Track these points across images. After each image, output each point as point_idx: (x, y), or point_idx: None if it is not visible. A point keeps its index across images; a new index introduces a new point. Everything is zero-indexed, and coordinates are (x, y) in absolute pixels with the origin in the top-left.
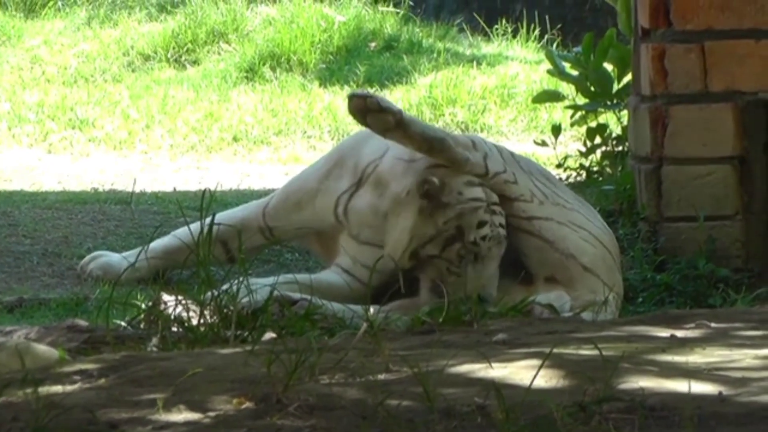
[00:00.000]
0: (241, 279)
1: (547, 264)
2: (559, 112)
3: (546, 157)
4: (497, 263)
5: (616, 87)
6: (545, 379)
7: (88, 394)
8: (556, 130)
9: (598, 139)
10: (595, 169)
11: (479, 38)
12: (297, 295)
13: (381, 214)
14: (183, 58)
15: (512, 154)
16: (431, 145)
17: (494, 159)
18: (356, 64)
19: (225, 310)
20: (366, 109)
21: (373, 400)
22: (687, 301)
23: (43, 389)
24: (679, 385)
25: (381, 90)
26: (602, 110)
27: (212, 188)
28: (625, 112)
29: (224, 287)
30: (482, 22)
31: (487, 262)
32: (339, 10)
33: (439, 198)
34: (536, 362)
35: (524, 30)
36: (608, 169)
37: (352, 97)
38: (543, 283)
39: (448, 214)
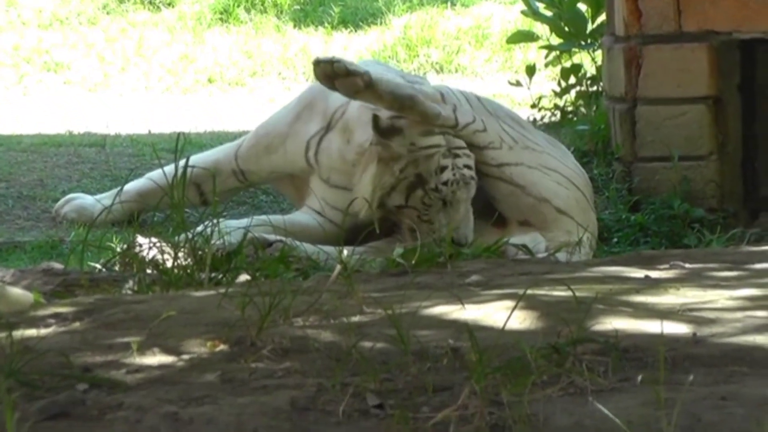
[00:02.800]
0: (215, 221)
1: (520, 208)
2: (533, 53)
3: (521, 98)
4: (467, 205)
5: (590, 27)
6: (519, 320)
7: (63, 338)
8: (531, 70)
9: (572, 79)
10: (570, 109)
11: None
12: (272, 237)
13: (349, 161)
14: (158, 0)
15: (479, 98)
16: (402, 103)
17: (463, 109)
18: (330, 5)
19: (199, 253)
20: (333, 74)
21: (346, 343)
22: (662, 241)
23: (18, 333)
24: (653, 327)
25: (356, 31)
26: (576, 50)
27: (187, 130)
28: (599, 53)
29: (199, 229)
30: None
31: (455, 205)
32: None
33: (388, 143)
34: (510, 304)
35: None
36: (583, 109)
37: (318, 63)
38: (517, 226)
39: (402, 162)
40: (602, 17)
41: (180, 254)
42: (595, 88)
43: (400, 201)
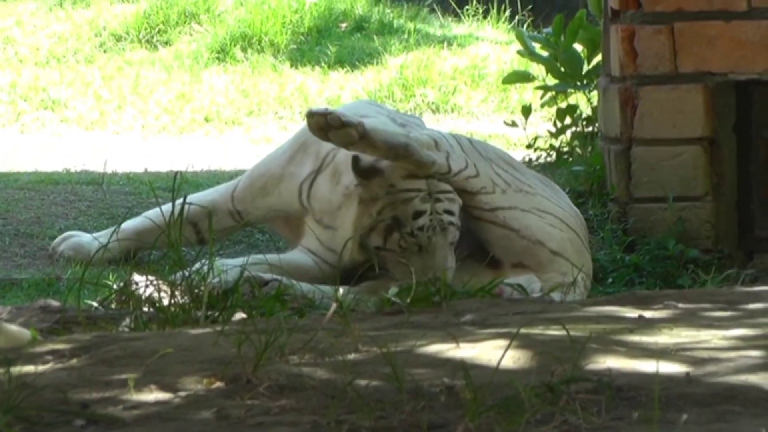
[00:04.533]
0: (211, 259)
1: (515, 251)
2: (529, 93)
3: (516, 138)
4: (445, 251)
5: (586, 68)
6: (513, 359)
7: (60, 374)
8: (527, 110)
9: (568, 120)
10: (565, 149)
11: (450, 19)
12: (268, 276)
13: (335, 204)
14: (155, 39)
15: (471, 141)
16: (396, 152)
17: (456, 156)
18: (327, 45)
19: (196, 291)
20: (327, 126)
21: (342, 381)
22: (657, 281)
23: (15, 369)
24: (647, 366)
25: (352, 71)
26: (572, 91)
27: (184, 169)
28: (595, 93)
29: (195, 267)
30: (453, 3)
31: (431, 251)
32: None
33: (368, 184)
34: (504, 342)
35: (495, 10)
36: (578, 150)
37: (311, 115)
38: (511, 268)
39: (380, 204)
40: (598, 58)
41: (177, 292)
42: (590, 128)
43: (378, 242)
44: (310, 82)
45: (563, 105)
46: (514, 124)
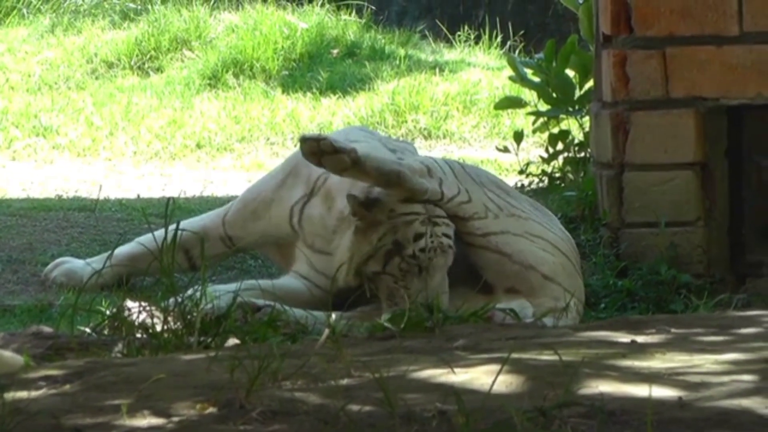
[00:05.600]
0: (204, 285)
1: (507, 276)
2: (521, 119)
3: (508, 164)
4: (443, 273)
5: (577, 93)
6: (505, 384)
7: (53, 400)
8: (519, 136)
9: (560, 146)
10: (557, 175)
11: (442, 45)
12: (261, 302)
13: (330, 228)
14: (146, 66)
15: (463, 167)
16: (388, 179)
17: (448, 182)
18: (319, 71)
19: (188, 317)
20: (320, 152)
21: (334, 406)
22: (649, 306)
23: (8, 395)
24: (639, 390)
25: (344, 96)
26: (564, 116)
27: (175, 195)
28: (587, 119)
29: (188, 293)
30: (445, 29)
31: (431, 272)
32: (301, 17)
33: (369, 214)
34: (496, 367)
35: (486, 36)
36: (570, 175)
37: (305, 140)
38: (503, 293)
39: (381, 231)
40: (590, 83)
41: (169, 318)
42: (582, 154)
43: (377, 268)
44: (301, 108)
45: (555, 130)
46: (506, 150)
